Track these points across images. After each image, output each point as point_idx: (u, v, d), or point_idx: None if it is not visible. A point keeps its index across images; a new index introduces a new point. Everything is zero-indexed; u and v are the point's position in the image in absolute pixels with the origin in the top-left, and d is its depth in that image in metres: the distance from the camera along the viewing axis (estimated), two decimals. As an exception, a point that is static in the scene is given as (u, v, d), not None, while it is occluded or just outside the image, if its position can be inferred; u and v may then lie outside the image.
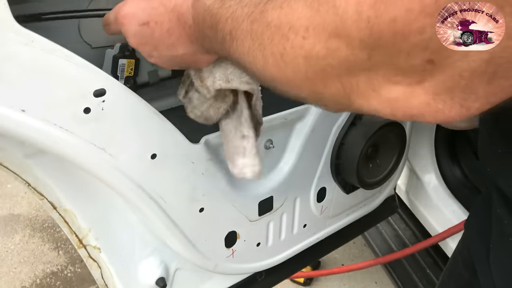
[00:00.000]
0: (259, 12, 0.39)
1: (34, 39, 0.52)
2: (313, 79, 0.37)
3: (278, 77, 0.40)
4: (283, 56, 0.37)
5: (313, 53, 0.35)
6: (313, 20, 0.34)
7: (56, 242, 2.30)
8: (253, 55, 0.41)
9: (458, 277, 0.82)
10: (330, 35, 0.33)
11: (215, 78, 0.58)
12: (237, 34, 0.42)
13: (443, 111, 0.31)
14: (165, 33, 0.52)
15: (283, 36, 0.36)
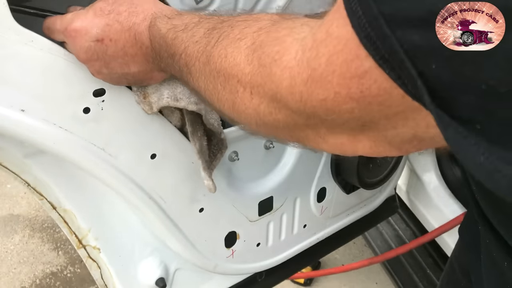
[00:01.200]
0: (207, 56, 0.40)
1: (34, 38, 0.52)
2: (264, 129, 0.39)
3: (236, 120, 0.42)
4: (235, 106, 0.39)
5: (260, 110, 0.37)
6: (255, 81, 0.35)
7: (55, 242, 2.30)
8: (209, 95, 0.42)
9: (456, 282, 0.82)
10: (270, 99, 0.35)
11: (162, 95, 0.57)
12: (191, 70, 0.43)
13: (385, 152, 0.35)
14: (119, 50, 0.50)
15: (232, 87, 0.38)
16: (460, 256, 0.81)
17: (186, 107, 0.58)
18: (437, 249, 1.51)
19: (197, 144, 0.65)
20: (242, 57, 0.36)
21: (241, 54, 0.36)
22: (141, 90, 0.59)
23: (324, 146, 0.37)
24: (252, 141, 0.87)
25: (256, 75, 0.35)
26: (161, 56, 0.49)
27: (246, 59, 0.36)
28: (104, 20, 0.50)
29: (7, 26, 0.49)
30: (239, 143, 0.85)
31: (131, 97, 0.63)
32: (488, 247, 0.60)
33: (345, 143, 0.35)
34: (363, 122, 0.31)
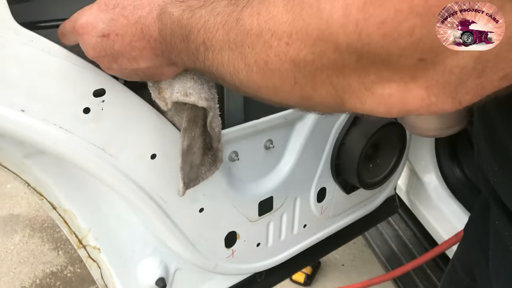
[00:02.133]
0: (234, 20, 0.38)
1: (34, 39, 0.52)
2: (302, 84, 0.36)
3: (264, 85, 0.39)
4: (267, 64, 0.36)
5: (300, 58, 0.34)
6: (295, 25, 0.33)
7: (55, 242, 2.30)
8: (233, 65, 0.40)
9: (459, 282, 0.82)
10: (315, 40, 0.32)
11: (173, 90, 0.56)
12: (212, 44, 0.41)
13: (436, 104, 0.32)
14: (126, 45, 0.49)
15: (265, 44, 0.35)
16: (463, 256, 0.82)
17: (196, 102, 0.56)
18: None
19: (185, 143, 0.62)
20: (278, 9, 0.34)
21: (277, 7, 0.34)
22: (156, 85, 0.58)
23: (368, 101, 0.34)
24: (252, 141, 0.87)
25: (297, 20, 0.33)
26: (172, 44, 0.46)
27: (284, 9, 0.33)
28: (109, 15, 0.49)
29: (7, 26, 0.49)
30: (239, 143, 0.85)
31: (131, 97, 0.63)
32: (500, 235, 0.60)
33: (394, 95, 0.32)
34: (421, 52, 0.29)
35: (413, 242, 1.61)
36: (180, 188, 0.65)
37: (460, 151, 1.54)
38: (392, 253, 1.63)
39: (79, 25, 0.51)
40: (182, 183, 0.64)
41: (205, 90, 0.56)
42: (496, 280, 0.63)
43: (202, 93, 0.56)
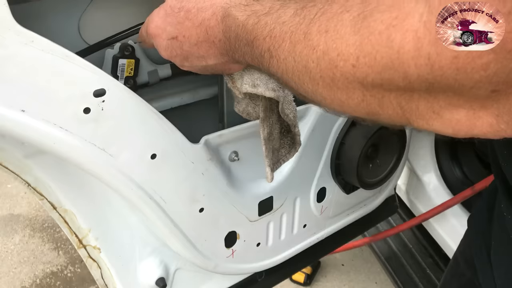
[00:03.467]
0: (302, 33, 0.38)
1: (34, 39, 0.52)
2: (368, 102, 0.36)
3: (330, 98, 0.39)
4: (334, 81, 0.36)
5: (367, 81, 0.34)
6: (363, 49, 0.33)
7: (56, 242, 2.30)
8: (298, 76, 0.40)
9: (460, 276, 0.83)
10: (384, 67, 0.32)
11: (243, 81, 0.58)
12: (277, 53, 0.41)
13: (505, 130, 0.32)
14: (193, 46, 0.52)
15: (330, 62, 0.35)
16: (465, 250, 0.82)
17: (263, 93, 0.58)
18: (437, 249, 1.52)
19: (265, 131, 0.64)
20: (347, 29, 0.34)
21: (345, 27, 0.34)
22: (229, 76, 0.60)
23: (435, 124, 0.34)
24: (252, 141, 0.87)
25: (364, 44, 0.32)
26: (236, 47, 0.48)
27: (352, 30, 0.33)
28: (175, 18, 0.53)
29: (7, 26, 0.50)
30: (239, 143, 0.85)
31: (132, 97, 0.63)
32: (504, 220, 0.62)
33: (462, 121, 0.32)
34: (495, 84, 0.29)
35: (413, 242, 1.61)
36: (268, 174, 0.67)
37: (460, 151, 1.54)
38: (392, 253, 1.63)
39: (151, 29, 0.57)
40: (269, 169, 0.67)
41: (272, 81, 0.58)
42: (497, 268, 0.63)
43: (269, 84, 0.58)
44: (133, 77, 0.77)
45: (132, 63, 0.76)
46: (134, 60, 0.76)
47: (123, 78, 0.76)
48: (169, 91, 0.88)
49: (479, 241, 0.72)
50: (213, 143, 0.79)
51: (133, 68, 0.76)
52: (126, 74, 0.76)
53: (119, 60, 0.75)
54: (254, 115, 0.67)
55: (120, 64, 0.75)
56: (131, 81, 0.77)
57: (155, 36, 0.57)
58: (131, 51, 0.76)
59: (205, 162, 0.77)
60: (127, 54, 0.75)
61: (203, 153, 0.77)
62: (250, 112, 0.67)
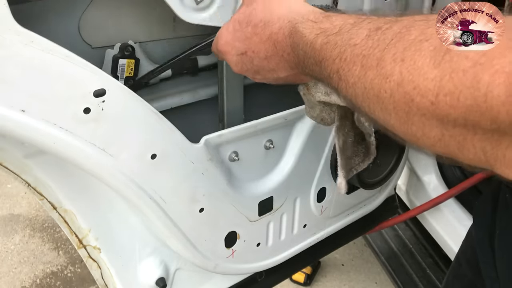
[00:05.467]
0: (375, 59, 0.35)
1: (34, 39, 0.52)
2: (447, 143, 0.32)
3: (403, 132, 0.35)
4: (409, 115, 0.33)
5: (449, 120, 0.30)
6: (443, 87, 0.30)
7: (56, 242, 2.30)
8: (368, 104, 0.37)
9: (462, 277, 0.83)
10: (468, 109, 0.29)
11: (317, 89, 0.58)
12: (346, 77, 0.39)
13: None
14: (263, 60, 0.52)
15: (405, 95, 0.32)
16: (467, 251, 0.82)
17: (336, 102, 0.57)
18: (437, 249, 1.51)
19: (340, 140, 0.64)
20: (426, 60, 0.31)
21: (424, 58, 0.31)
22: (304, 84, 0.60)
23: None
24: (252, 141, 0.87)
25: (446, 81, 0.29)
26: (305, 63, 0.46)
27: (432, 62, 0.30)
28: (243, 34, 0.53)
29: (8, 27, 0.49)
30: (239, 143, 0.85)
31: (132, 97, 0.63)
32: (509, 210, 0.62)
33: None
34: None
35: (413, 242, 1.61)
36: (343, 185, 0.66)
37: (460, 151, 1.53)
38: (392, 253, 1.63)
39: (220, 46, 0.57)
40: (344, 179, 0.66)
41: None
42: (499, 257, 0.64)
43: None
44: (133, 77, 0.77)
45: (132, 63, 0.76)
46: (134, 60, 0.76)
47: (123, 78, 0.76)
48: (169, 91, 0.88)
49: (482, 230, 0.73)
50: (213, 143, 0.79)
51: (133, 68, 0.76)
52: (126, 74, 0.76)
53: (119, 60, 0.75)
54: (329, 120, 0.66)
55: (120, 64, 0.75)
56: (131, 81, 0.77)
57: (225, 52, 0.57)
58: (131, 51, 0.76)
59: (205, 162, 0.77)
60: (127, 54, 0.75)
61: (203, 153, 0.77)
62: (325, 117, 0.66)
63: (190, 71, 0.89)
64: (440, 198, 1.39)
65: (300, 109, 0.91)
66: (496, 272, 0.64)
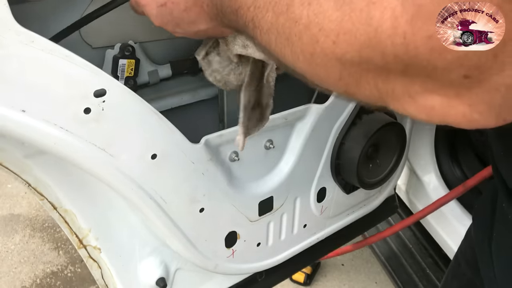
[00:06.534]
0: (285, 5, 0.37)
1: (34, 39, 0.52)
2: (346, 81, 0.36)
3: (309, 73, 0.39)
4: (313, 56, 0.36)
5: (346, 58, 0.34)
6: (343, 26, 0.32)
7: (56, 242, 2.30)
8: (280, 48, 0.40)
9: (461, 276, 0.83)
10: (362, 45, 0.32)
11: (235, 42, 0.58)
12: (260, 23, 0.41)
13: (479, 121, 0.32)
14: (182, 12, 0.52)
15: (312, 37, 0.35)
16: (466, 251, 0.82)
17: (252, 54, 0.57)
18: (437, 249, 1.51)
19: (246, 97, 0.63)
20: (329, 3, 0.34)
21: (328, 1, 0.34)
22: (224, 39, 0.59)
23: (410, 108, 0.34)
24: (252, 141, 0.87)
25: (345, 21, 0.32)
26: (223, 13, 0.48)
27: (335, 5, 0.33)
28: None
29: (8, 27, 0.50)
30: (239, 143, 0.85)
31: (132, 97, 0.63)
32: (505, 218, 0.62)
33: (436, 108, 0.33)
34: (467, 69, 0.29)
35: (413, 242, 1.61)
36: (241, 142, 0.65)
37: (460, 151, 1.54)
38: (392, 253, 1.63)
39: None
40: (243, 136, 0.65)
41: None
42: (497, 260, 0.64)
43: None
44: (133, 77, 0.77)
45: (132, 63, 0.76)
46: (134, 60, 0.76)
47: (123, 78, 0.76)
48: (169, 91, 0.88)
49: (481, 232, 0.73)
50: (213, 143, 0.79)
51: (133, 68, 0.77)
52: (126, 74, 0.76)
53: (120, 60, 0.75)
54: (234, 83, 0.66)
55: (120, 64, 0.75)
56: (131, 81, 0.77)
57: (144, 4, 0.56)
58: (132, 51, 0.76)
59: (205, 162, 0.78)
60: (128, 54, 0.75)
61: (203, 153, 0.77)
62: (230, 80, 0.65)
63: (190, 71, 0.90)
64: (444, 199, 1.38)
65: (301, 109, 0.91)
66: (494, 273, 0.65)
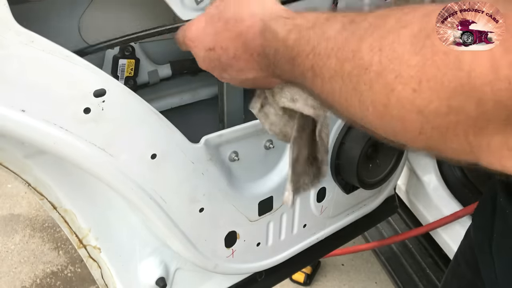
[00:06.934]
0: (350, 51, 0.34)
1: (34, 39, 0.52)
2: (429, 135, 0.31)
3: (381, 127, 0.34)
4: (387, 108, 0.32)
5: (430, 109, 0.29)
6: (426, 72, 0.29)
7: (56, 242, 2.30)
8: (345, 98, 0.35)
9: (461, 277, 0.83)
10: (452, 92, 0.28)
11: (282, 95, 0.55)
12: (322, 71, 0.37)
13: None
14: (231, 59, 0.49)
15: (386, 86, 0.31)
16: (466, 251, 0.82)
17: (301, 109, 0.54)
18: (437, 249, 1.51)
19: (294, 153, 0.60)
20: (406, 47, 0.30)
21: (403, 45, 0.30)
22: (270, 90, 0.57)
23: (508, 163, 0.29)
24: (252, 141, 0.87)
25: (428, 66, 0.28)
26: (275, 62, 0.44)
27: (413, 49, 0.29)
28: (214, 28, 0.50)
29: (8, 27, 0.50)
30: (239, 143, 0.85)
31: (132, 97, 0.63)
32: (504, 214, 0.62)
33: None
34: None
35: (413, 242, 1.61)
36: (289, 199, 0.62)
37: (460, 151, 1.53)
38: (392, 253, 1.63)
39: (188, 38, 0.54)
40: (292, 194, 0.62)
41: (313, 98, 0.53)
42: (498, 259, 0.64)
43: (308, 100, 0.53)
44: (133, 77, 0.77)
45: (132, 63, 0.76)
46: (134, 60, 0.76)
47: (123, 78, 0.76)
48: (169, 91, 0.88)
49: (480, 235, 0.73)
50: (213, 143, 0.79)
51: (133, 68, 0.77)
52: (126, 74, 0.76)
53: (119, 60, 0.75)
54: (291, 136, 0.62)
55: (120, 64, 0.75)
56: (131, 81, 0.77)
57: (192, 46, 0.53)
58: (131, 51, 0.76)
59: (205, 162, 0.77)
60: (127, 54, 0.75)
61: (203, 153, 0.77)
62: (288, 132, 0.62)
63: (190, 71, 0.90)
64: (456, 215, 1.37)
65: (300, 109, 0.91)
66: (495, 274, 0.65)
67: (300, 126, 0.59)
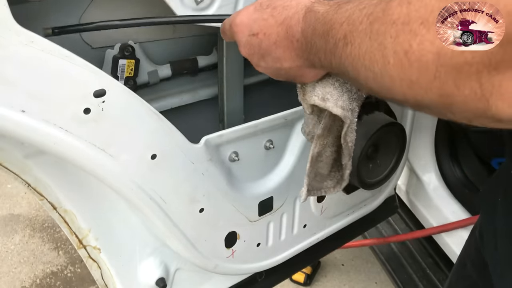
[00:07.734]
0: (380, 10, 0.37)
1: (34, 39, 0.52)
2: (443, 79, 0.33)
3: (399, 79, 0.36)
4: (407, 54, 0.34)
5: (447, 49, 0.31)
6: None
7: (56, 242, 2.30)
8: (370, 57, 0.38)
9: (466, 278, 0.83)
10: None
11: (314, 92, 0.56)
12: (353, 37, 0.40)
13: None
14: (272, 45, 0.52)
15: (411, 32, 0.33)
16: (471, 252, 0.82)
17: (331, 109, 0.55)
18: (437, 249, 1.51)
19: (316, 149, 0.61)
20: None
21: None
22: (302, 87, 0.58)
23: None
24: (252, 141, 0.87)
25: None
26: (311, 43, 0.47)
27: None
28: (261, 15, 0.52)
29: (8, 27, 0.49)
30: (239, 143, 0.85)
31: (132, 97, 0.63)
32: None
33: None
34: None
35: (413, 242, 1.61)
36: (304, 194, 0.64)
37: (460, 151, 1.54)
38: (392, 253, 1.63)
39: (235, 24, 0.56)
40: (306, 189, 0.64)
41: (344, 99, 0.55)
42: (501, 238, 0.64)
43: (339, 101, 0.55)
44: (133, 77, 0.77)
45: (132, 64, 0.76)
46: (134, 61, 0.76)
47: (123, 79, 0.76)
48: (169, 91, 0.88)
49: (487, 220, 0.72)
50: (213, 143, 0.79)
51: (133, 69, 0.76)
52: (126, 74, 0.76)
53: (119, 60, 0.75)
54: None
55: (120, 65, 0.75)
56: (131, 81, 0.77)
57: (237, 31, 0.56)
58: (131, 52, 0.76)
59: (205, 162, 0.77)
60: (127, 54, 0.75)
61: (203, 153, 0.77)
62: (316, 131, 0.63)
63: (190, 71, 0.90)
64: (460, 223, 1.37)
65: (301, 109, 0.91)
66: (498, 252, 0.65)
67: (325, 126, 0.60)
